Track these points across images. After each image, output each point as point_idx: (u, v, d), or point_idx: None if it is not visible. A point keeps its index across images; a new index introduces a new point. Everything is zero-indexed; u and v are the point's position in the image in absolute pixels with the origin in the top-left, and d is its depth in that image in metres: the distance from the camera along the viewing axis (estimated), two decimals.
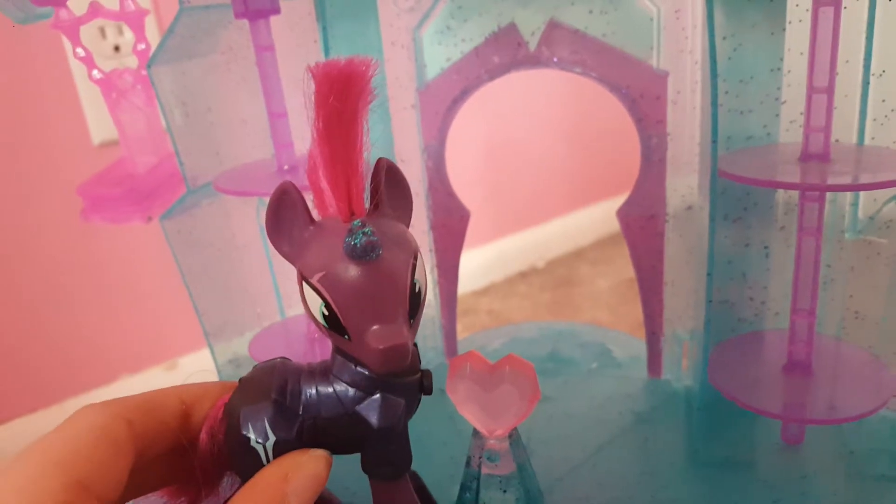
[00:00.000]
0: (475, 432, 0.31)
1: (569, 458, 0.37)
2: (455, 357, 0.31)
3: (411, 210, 0.26)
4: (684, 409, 0.41)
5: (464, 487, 0.32)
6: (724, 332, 0.39)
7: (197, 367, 1.02)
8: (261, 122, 0.40)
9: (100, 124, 0.88)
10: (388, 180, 0.25)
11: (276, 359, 0.28)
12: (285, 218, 0.24)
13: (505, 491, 0.31)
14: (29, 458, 0.21)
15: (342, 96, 0.22)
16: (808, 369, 0.35)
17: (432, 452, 0.28)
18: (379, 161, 0.25)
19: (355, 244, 0.22)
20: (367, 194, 0.24)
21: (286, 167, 0.39)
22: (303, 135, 0.41)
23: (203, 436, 0.26)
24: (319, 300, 0.23)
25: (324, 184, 0.24)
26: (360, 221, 0.23)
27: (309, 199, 0.25)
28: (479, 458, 0.31)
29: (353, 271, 0.23)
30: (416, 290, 0.24)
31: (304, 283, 0.24)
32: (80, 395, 0.98)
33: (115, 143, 0.90)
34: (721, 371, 0.35)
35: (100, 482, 0.22)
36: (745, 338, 0.38)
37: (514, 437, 0.31)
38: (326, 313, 0.23)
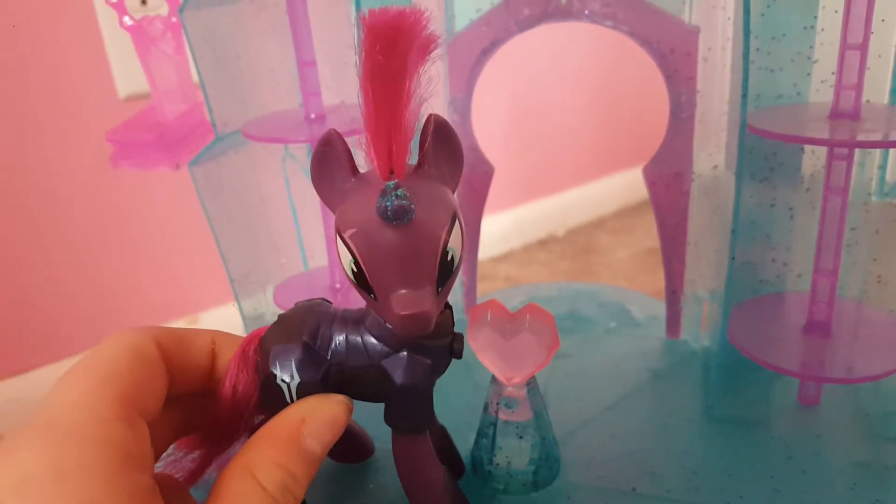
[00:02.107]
0: (493, 379, 0.31)
1: (584, 412, 0.38)
2: (476, 305, 0.31)
3: (460, 171, 0.25)
4: (701, 369, 0.41)
5: (480, 433, 0.32)
6: (746, 293, 0.39)
7: (219, 323, 1.04)
8: (288, 72, 0.41)
9: (126, 78, 0.89)
10: (437, 138, 0.24)
11: (316, 299, 0.29)
12: (328, 166, 0.24)
13: (521, 437, 0.31)
14: (76, 377, 0.22)
15: (388, 50, 0.21)
16: (827, 330, 0.35)
17: (450, 401, 0.29)
18: (429, 117, 0.24)
19: (387, 206, 0.22)
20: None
21: (313, 116, 0.39)
22: (330, 85, 0.41)
23: (227, 382, 0.26)
24: (350, 255, 0.23)
25: (367, 137, 0.23)
26: (394, 183, 0.22)
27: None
28: (497, 404, 0.31)
29: (383, 233, 0.22)
30: (449, 257, 0.23)
31: (338, 237, 0.24)
32: None
33: (141, 97, 0.91)
34: (740, 329, 0.35)
35: (139, 398, 0.23)
36: (766, 298, 0.38)
37: (531, 384, 0.31)
38: (355, 270, 0.23)
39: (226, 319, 1.02)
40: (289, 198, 0.46)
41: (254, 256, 0.45)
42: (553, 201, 1.41)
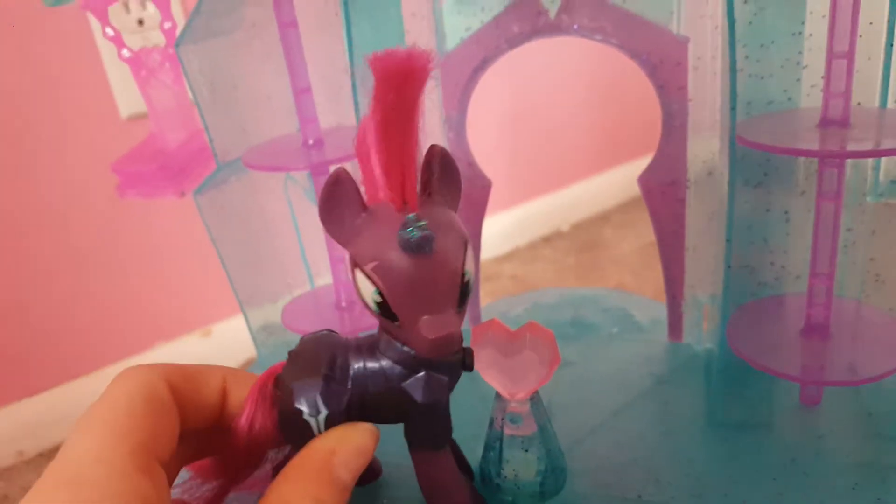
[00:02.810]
0: (497, 395, 0.32)
1: (589, 421, 0.38)
2: (477, 325, 0.32)
3: (459, 196, 0.26)
4: (704, 372, 0.42)
5: (487, 447, 0.33)
6: (745, 296, 0.39)
7: (231, 334, 1.05)
8: (285, 98, 0.41)
9: (127, 98, 0.89)
10: (440, 167, 0.25)
11: (322, 331, 0.29)
12: (338, 204, 0.25)
13: (527, 451, 0.32)
14: (94, 428, 0.23)
15: (401, 91, 0.22)
16: (825, 332, 0.35)
17: (457, 414, 0.29)
18: (432, 148, 0.25)
19: (410, 238, 0.23)
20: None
21: (311, 142, 0.40)
22: (325, 109, 0.42)
23: (243, 420, 0.27)
24: (372, 287, 0.24)
25: (377, 172, 0.24)
26: (414, 215, 0.23)
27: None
28: (502, 419, 0.32)
29: (406, 263, 0.23)
30: (466, 279, 0.24)
31: (356, 269, 0.24)
32: (117, 363, 1.01)
33: (143, 116, 0.92)
34: (740, 334, 0.36)
35: (157, 445, 0.23)
36: (765, 301, 0.39)
37: (535, 399, 0.32)
38: (379, 300, 0.24)
39: (238, 331, 1.03)
40: (292, 219, 0.47)
41: (261, 278, 0.46)
42: (556, 197, 1.41)
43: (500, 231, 1.32)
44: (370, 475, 0.35)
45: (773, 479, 0.33)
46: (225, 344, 1.06)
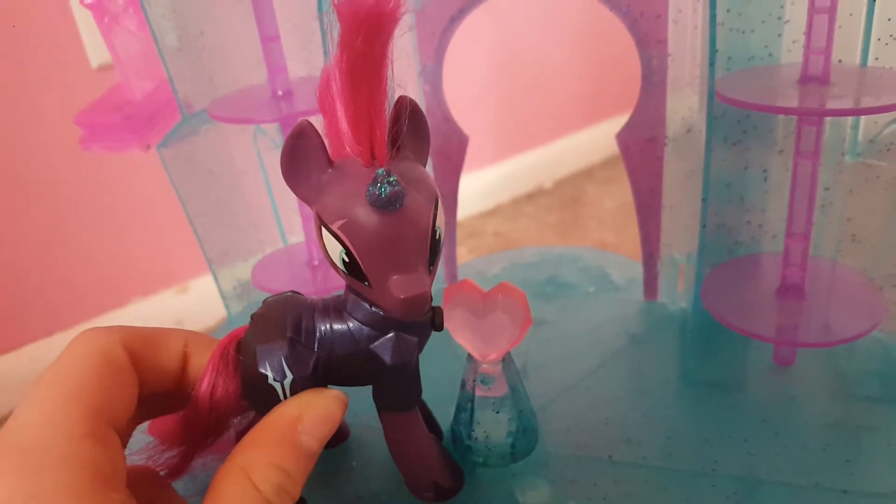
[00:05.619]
0: (469, 357, 0.32)
1: (562, 380, 0.38)
2: (449, 286, 0.31)
3: (427, 151, 0.25)
4: (678, 331, 0.42)
5: (459, 408, 0.33)
6: (721, 255, 0.39)
7: (208, 290, 1.04)
8: (254, 46, 0.40)
9: (97, 47, 0.87)
10: (409, 120, 0.24)
11: (286, 293, 0.28)
12: (302, 159, 0.23)
13: (498, 412, 0.32)
14: (46, 392, 0.22)
15: (370, 38, 0.21)
16: (800, 292, 0.35)
17: (430, 374, 0.29)
18: (401, 100, 0.24)
19: (380, 194, 0.22)
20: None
21: (280, 92, 0.38)
22: (296, 58, 0.40)
23: (204, 385, 0.26)
24: (339, 246, 0.23)
25: (344, 126, 0.22)
26: (384, 170, 0.22)
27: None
28: (474, 381, 0.32)
29: (375, 220, 0.22)
30: (437, 237, 0.24)
31: (322, 228, 0.23)
32: (93, 318, 1.00)
33: (113, 66, 0.89)
34: (714, 294, 0.36)
35: (110, 410, 0.22)
36: (741, 261, 0.38)
37: (506, 361, 0.32)
38: (347, 260, 0.23)
39: (216, 288, 1.02)
40: (263, 173, 0.45)
41: (231, 234, 0.45)
42: (540, 153, 1.40)
43: (483, 187, 1.31)
44: (338, 437, 0.35)
45: (745, 439, 0.33)
46: (202, 300, 1.05)
